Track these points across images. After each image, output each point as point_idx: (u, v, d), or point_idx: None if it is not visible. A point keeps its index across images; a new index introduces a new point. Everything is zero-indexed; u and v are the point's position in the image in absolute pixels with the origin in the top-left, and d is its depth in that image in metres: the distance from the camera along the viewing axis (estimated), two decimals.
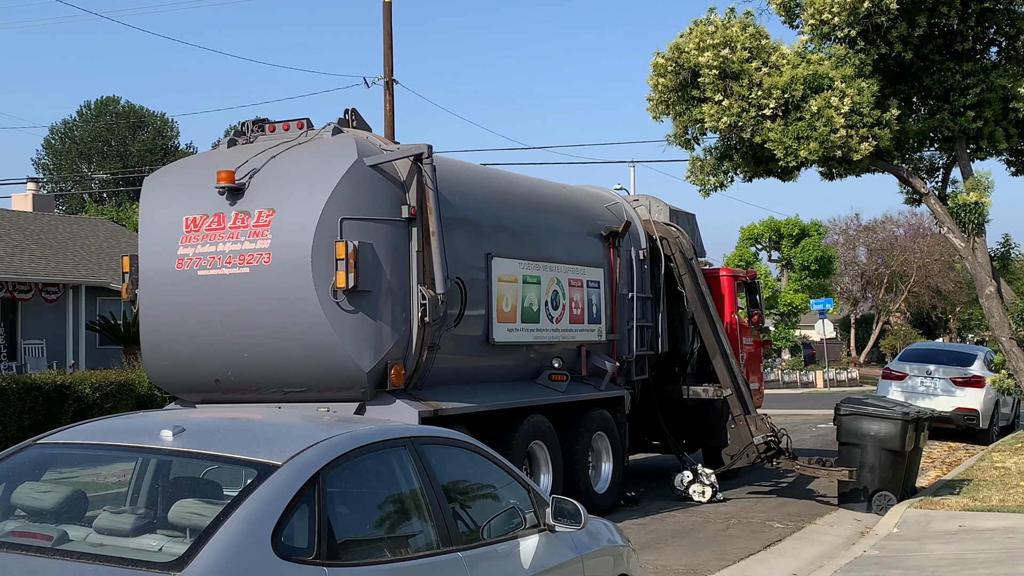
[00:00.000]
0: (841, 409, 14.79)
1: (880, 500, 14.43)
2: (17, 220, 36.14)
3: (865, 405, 14.79)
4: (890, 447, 14.41)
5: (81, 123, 75.03)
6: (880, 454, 14.44)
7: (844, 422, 14.69)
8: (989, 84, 18.01)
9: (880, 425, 14.41)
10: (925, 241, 64.53)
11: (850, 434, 14.63)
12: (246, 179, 11.40)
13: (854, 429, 14.59)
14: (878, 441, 14.41)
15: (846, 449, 14.73)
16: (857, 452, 14.55)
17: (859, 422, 14.56)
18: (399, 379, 11.23)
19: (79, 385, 18.05)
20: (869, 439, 14.44)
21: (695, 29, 17.15)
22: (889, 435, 14.37)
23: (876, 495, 14.47)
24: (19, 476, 5.22)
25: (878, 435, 14.41)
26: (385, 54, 27.90)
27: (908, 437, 14.43)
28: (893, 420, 14.40)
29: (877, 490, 14.50)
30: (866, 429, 14.48)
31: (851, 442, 14.64)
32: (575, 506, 6.12)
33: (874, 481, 14.50)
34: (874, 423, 14.46)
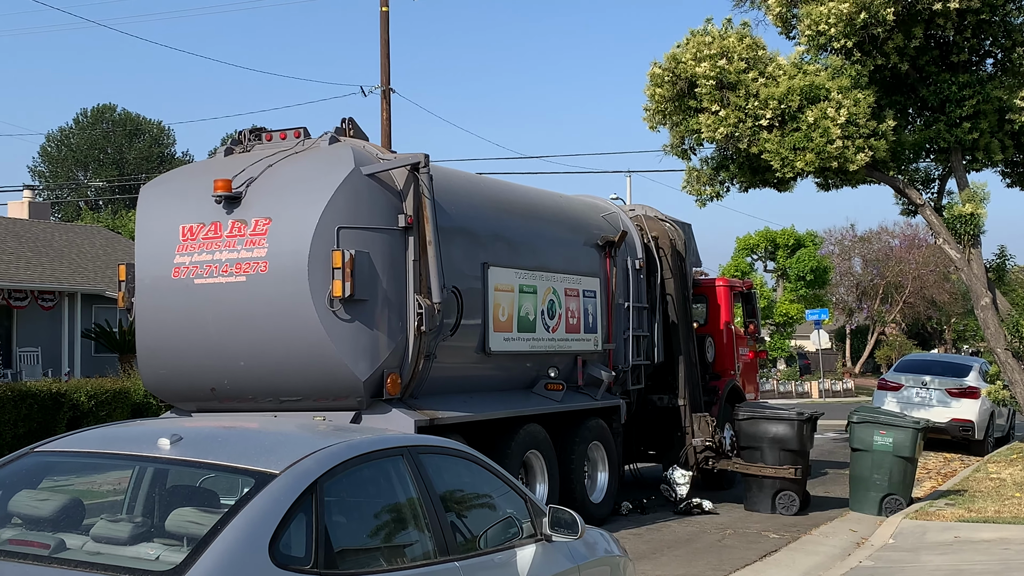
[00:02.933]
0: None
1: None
2: (13, 227, 36.11)
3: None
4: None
5: (77, 131, 75.04)
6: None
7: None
8: (985, 96, 18.06)
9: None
10: (921, 252, 64.61)
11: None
12: (243, 188, 11.40)
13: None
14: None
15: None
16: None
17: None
18: (395, 388, 11.22)
19: (75, 393, 18.03)
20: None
21: (692, 40, 17.20)
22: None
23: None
24: (16, 484, 5.22)
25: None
26: (382, 63, 27.93)
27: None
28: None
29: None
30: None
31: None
32: (572, 516, 6.12)
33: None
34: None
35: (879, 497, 14.98)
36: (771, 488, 15.15)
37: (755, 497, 15.38)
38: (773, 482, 15.11)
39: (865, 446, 15.05)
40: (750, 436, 15.31)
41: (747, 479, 15.57)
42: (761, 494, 15.27)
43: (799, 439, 15.05)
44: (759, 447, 15.22)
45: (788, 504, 15.00)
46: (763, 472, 15.15)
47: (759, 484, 15.30)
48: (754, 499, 15.39)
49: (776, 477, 15.05)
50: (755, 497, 15.38)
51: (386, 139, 27.41)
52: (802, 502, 15.15)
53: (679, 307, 16.47)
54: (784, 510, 14.96)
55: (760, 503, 15.26)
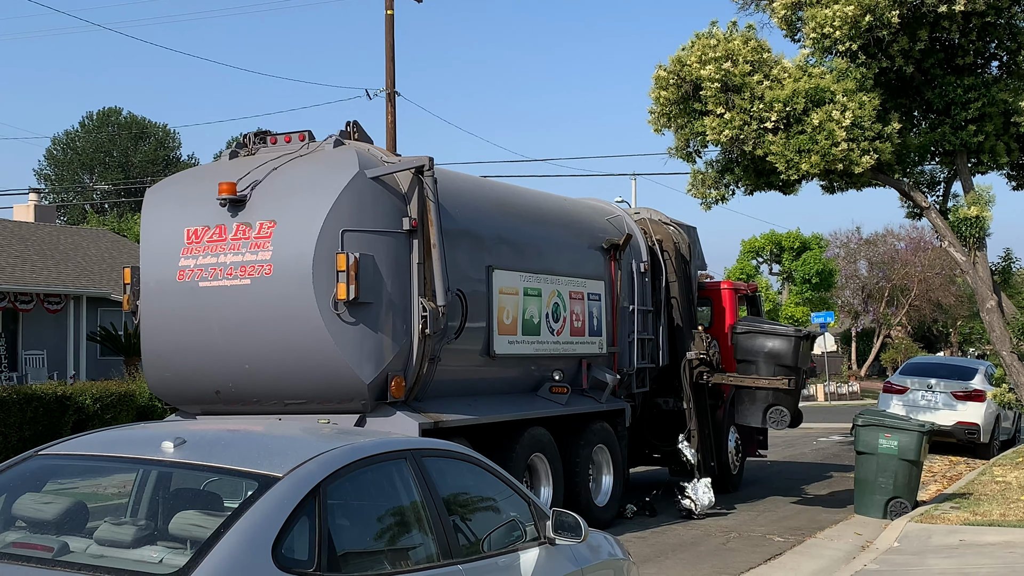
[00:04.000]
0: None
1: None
2: (19, 230, 36.18)
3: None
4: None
5: (83, 134, 75.19)
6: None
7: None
8: (990, 98, 18.04)
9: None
10: (926, 255, 64.51)
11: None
12: (248, 191, 11.41)
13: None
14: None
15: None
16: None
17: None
18: (400, 391, 11.23)
19: (80, 396, 18.05)
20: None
21: (697, 42, 17.18)
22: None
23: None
24: (20, 487, 5.23)
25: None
26: (387, 66, 27.96)
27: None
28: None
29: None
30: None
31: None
32: (575, 519, 6.11)
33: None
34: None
35: (884, 500, 14.98)
36: (763, 402, 15.18)
37: (746, 411, 15.45)
38: (766, 396, 15.15)
39: (870, 449, 15.04)
40: (746, 350, 15.39)
41: (739, 393, 15.67)
42: (753, 407, 15.32)
43: (794, 355, 15.07)
44: (754, 361, 15.28)
45: (779, 419, 15.06)
46: (757, 384, 15.21)
47: (751, 397, 15.36)
48: (745, 412, 15.48)
49: (769, 389, 15.09)
50: (746, 411, 15.45)
51: (391, 142, 27.44)
52: (793, 418, 15.15)
53: (684, 310, 16.47)
54: (775, 424, 15.06)
55: (751, 416, 15.36)
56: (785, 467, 21.26)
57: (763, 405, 15.18)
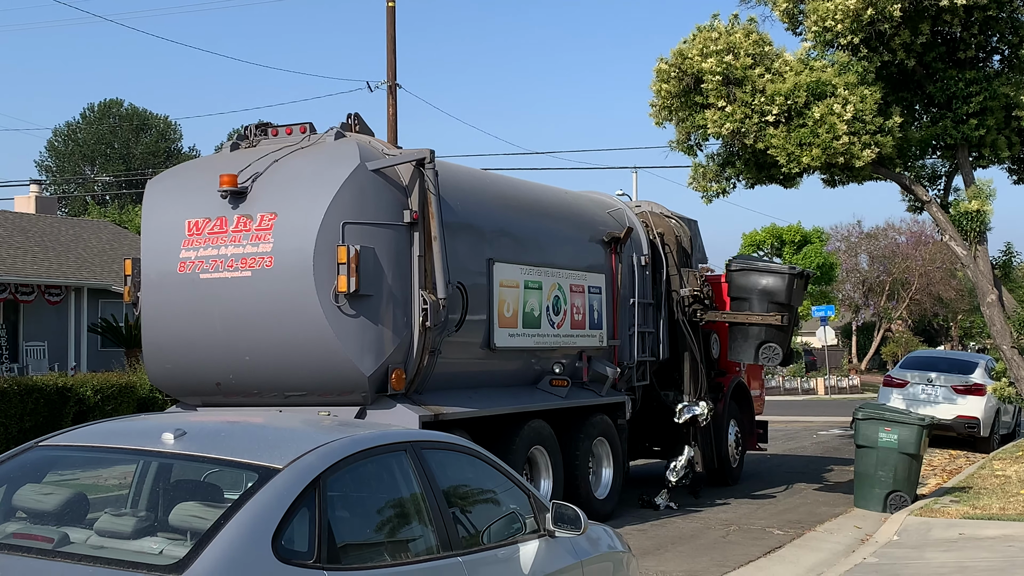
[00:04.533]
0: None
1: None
2: (20, 222, 36.18)
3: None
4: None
5: (84, 125, 75.17)
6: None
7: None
8: (992, 92, 18.03)
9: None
10: (927, 249, 64.55)
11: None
12: (249, 183, 11.41)
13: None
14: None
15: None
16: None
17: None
18: (400, 383, 11.23)
19: (81, 387, 18.05)
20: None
21: (699, 35, 17.17)
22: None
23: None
24: (21, 478, 5.24)
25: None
26: (388, 58, 27.92)
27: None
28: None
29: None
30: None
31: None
32: (575, 511, 6.12)
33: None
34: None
35: (884, 494, 14.99)
36: (756, 340, 15.28)
37: (739, 347, 15.61)
38: (759, 333, 15.25)
39: (870, 443, 15.05)
40: (740, 287, 15.57)
41: (733, 331, 15.79)
42: (746, 344, 15.44)
43: (788, 292, 15.22)
44: (748, 298, 15.48)
45: (771, 356, 15.19)
46: (750, 320, 15.31)
47: (744, 334, 15.51)
48: (738, 349, 15.64)
49: (763, 325, 15.15)
50: (739, 347, 15.61)
51: (392, 134, 27.41)
52: (785, 356, 15.18)
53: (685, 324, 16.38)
54: (767, 361, 15.19)
55: (743, 353, 15.53)
56: (785, 460, 21.28)
57: (755, 342, 15.32)
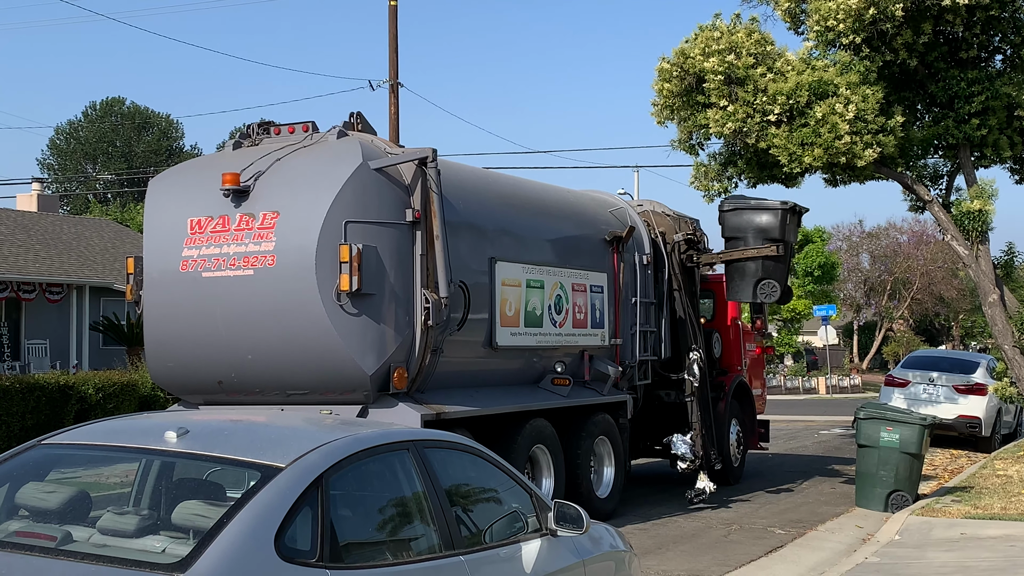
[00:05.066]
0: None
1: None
2: (22, 220, 36.19)
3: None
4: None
5: (86, 124, 75.19)
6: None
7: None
8: (994, 92, 18.03)
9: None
10: (929, 248, 64.50)
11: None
12: (251, 181, 11.42)
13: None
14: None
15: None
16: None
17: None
18: (402, 382, 11.23)
19: (82, 385, 18.06)
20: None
21: (701, 35, 17.18)
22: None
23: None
24: (23, 476, 5.24)
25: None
26: (390, 57, 27.93)
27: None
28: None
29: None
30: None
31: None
32: (577, 511, 6.12)
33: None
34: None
35: (885, 493, 14.99)
36: (753, 276, 15.41)
37: (737, 287, 15.73)
38: (755, 270, 15.38)
39: (872, 442, 15.04)
40: (734, 227, 15.68)
41: (730, 271, 15.95)
42: (743, 283, 15.57)
43: (781, 227, 15.28)
44: (743, 237, 15.59)
45: (769, 292, 15.38)
46: (746, 255, 15.46)
47: (741, 273, 15.62)
48: (736, 288, 15.77)
49: (759, 258, 15.37)
50: (737, 287, 15.73)
51: (394, 133, 27.42)
52: (783, 292, 15.39)
53: (686, 302, 16.41)
54: (765, 297, 15.39)
55: (742, 292, 15.65)
56: (786, 460, 21.27)
57: (753, 280, 15.46)
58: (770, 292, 15.28)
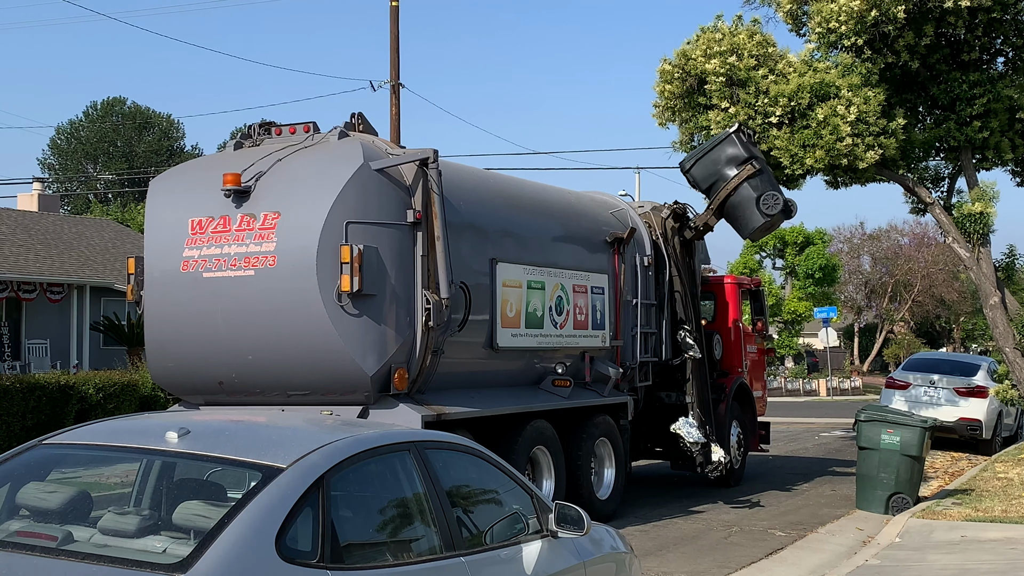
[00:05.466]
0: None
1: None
2: (22, 220, 36.19)
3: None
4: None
5: (87, 123, 75.20)
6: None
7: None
8: (996, 94, 18.04)
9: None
10: (930, 250, 64.51)
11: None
12: (252, 182, 11.41)
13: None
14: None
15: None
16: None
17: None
18: (403, 383, 11.23)
19: (83, 385, 18.06)
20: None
21: (702, 36, 17.20)
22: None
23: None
24: (24, 476, 5.23)
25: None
26: (391, 58, 27.93)
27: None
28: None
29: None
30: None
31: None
32: (578, 512, 6.12)
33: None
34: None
35: (886, 496, 14.97)
36: (749, 201, 15.57)
37: (744, 220, 15.83)
38: (748, 195, 15.54)
39: (872, 444, 15.04)
40: (707, 176, 15.98)
41: (729, 214, 16.01)
42: (747, 212, 15.71)
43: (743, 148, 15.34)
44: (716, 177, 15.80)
45: (772, 204, 15.51)
46: (730, 187, 15.65)
47: (737, 206, 15.78)
48: (744, 222, 15.86)
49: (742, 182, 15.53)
50: (744, 220, 15.83)
51: (395, 134, 27.41)
52: (785, 202, 15.54)
53: (687, 304, 16.41)
54: (771, 208, 15.51)
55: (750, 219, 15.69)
56: (787, 462, 21.27)
57: (751, 204, 15.54)
58: (773, 203, 15.41)
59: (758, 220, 15.57)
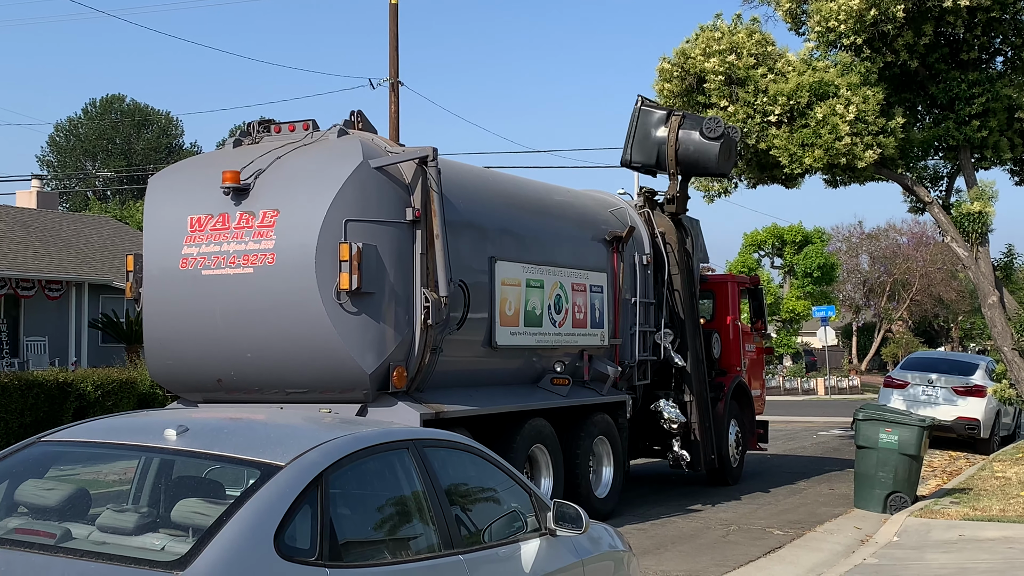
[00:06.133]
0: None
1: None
2: (21, 217, 36.18)
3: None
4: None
5: (86, 121, 75.16)
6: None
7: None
8: (994, 94, 18.04)
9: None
10: (928, 250, 64.52)
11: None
12: (251, 179, 11.41)
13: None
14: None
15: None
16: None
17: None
18: (401, 381, 11.23)
19: (81, 383, 18.06)
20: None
21: (702, 35, 17.20)
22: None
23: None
24: (23, 473, 5.23)
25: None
26: (391, 56, 27.92)
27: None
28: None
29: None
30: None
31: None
32: (576, 510, 6.12)
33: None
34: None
35: (884, 495, 14.97)
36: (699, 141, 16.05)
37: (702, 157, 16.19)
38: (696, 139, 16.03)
39: (870, 443, 15.03)
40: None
41: (696, 163, 16.39)
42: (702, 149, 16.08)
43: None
44: (687, 158, 16.21)
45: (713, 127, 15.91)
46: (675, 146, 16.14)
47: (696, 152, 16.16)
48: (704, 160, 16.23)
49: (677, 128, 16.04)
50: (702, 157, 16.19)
51: (394, 132, 27.41)
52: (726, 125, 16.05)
53: (686, 303, 16.45)
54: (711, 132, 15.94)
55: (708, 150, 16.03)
56: (785, 461, 21.27)
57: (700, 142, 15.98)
58: (715, 125, 15.82)
59: (714, 149, 15.87)
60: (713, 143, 15.79)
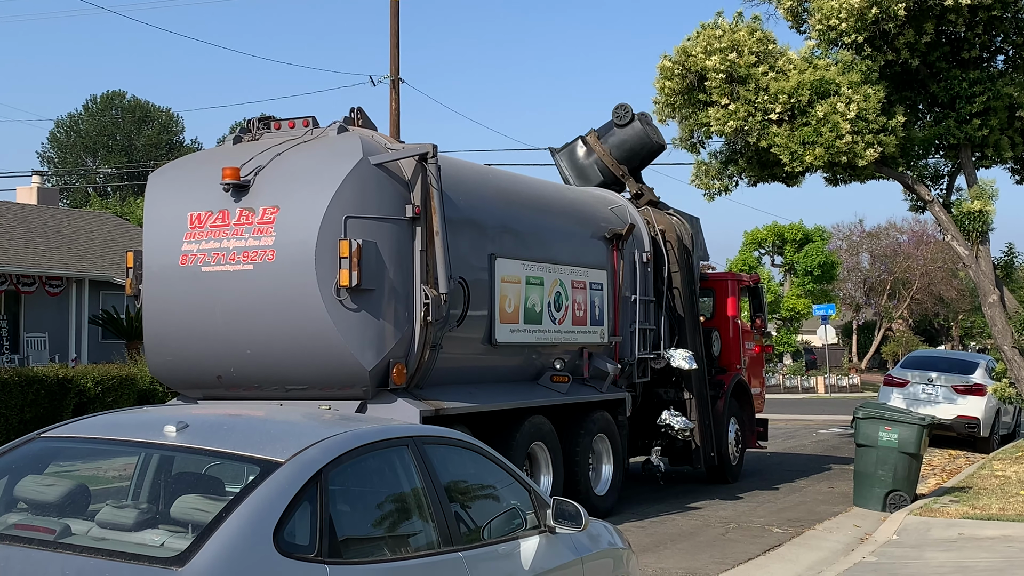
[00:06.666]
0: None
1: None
2: (21, 213, 36.16)
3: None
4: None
5: (87, 117, 75.15)
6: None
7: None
8: (995, 92, 18.03)
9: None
10: (929, 248, 64.48)
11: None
12: (251, 176, 11.41)
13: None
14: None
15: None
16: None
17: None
18: (401, 378, 11.23)
19: (81, 379, 18.06)
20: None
21: (702, 33, 17.19)
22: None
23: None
24: (22, 469, 5.23)
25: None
26: (392, 53, 27.91)
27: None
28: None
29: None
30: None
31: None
32: (576, 508, 6.12)
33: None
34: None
35: (883, 493, 14.98)
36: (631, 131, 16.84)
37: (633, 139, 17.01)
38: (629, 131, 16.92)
39: (870, 442, 15.03)
40: (623, 151, 17.12)
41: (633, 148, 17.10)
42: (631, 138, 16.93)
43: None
44: (632, 146, 17.09)
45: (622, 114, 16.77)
46: (621, 137, 16.99)
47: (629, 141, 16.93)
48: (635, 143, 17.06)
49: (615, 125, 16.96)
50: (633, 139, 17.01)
51: (395, 129, 27.40)
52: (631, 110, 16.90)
53: (686, 301, 16.46)
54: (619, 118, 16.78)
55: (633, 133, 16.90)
56: (785, 459, 21.28)
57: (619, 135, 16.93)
58: (623, 112, 16.75)
59: (637, 130, 16.78)
60: (633, 125, 16.73)
